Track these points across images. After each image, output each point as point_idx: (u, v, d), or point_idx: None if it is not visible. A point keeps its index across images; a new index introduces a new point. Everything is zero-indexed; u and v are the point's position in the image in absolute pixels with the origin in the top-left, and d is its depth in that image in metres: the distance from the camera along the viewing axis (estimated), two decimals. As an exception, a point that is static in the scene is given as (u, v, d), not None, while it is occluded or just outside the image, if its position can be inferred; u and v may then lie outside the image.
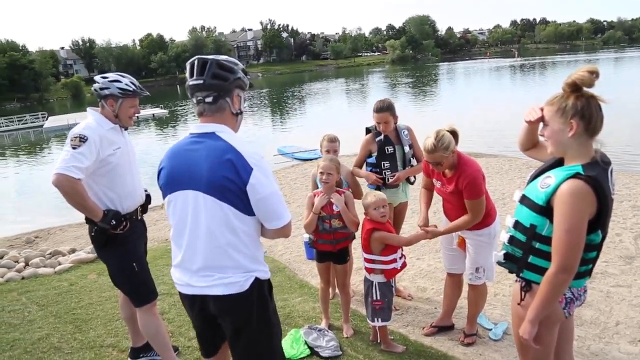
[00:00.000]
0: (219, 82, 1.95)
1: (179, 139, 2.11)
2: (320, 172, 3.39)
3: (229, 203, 1.89)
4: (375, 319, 3.37)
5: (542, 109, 2.02)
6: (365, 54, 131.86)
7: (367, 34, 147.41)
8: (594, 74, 1.83)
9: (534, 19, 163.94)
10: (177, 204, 1.98)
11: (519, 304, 2.09)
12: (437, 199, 3.46)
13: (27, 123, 38.33)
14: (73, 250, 6.94)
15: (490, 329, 3.64)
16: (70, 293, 4.91)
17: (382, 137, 3.94)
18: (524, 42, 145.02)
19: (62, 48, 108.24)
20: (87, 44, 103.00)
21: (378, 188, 3.94)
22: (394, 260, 3.31)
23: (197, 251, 1.96)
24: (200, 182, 1.90)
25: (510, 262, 2.11)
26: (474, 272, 3.34)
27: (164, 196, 2.04)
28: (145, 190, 3.17)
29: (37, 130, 35.12)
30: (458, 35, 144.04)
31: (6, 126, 37.78)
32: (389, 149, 3.95)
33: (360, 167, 4.08)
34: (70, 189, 2.59)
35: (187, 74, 1.98)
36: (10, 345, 3.67)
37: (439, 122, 3.23)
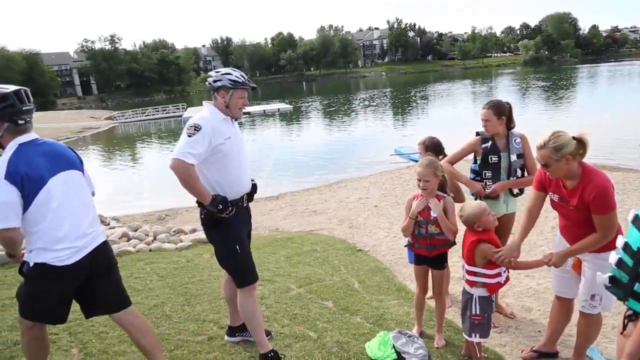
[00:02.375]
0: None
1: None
2: (417, 179, 3.31)
3: (84, 173, 2.77)
4: (473, 335, 3.19)
5: None
6: (495, 55, 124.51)
7: (498, 34, 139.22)
8: None
9: None
10: (56, 185, 2.54)
11: (621, 333, 1.84)
12: (546, 215, 3.15)
13: (169, 113, 43.13)
14: (194, 230, 7.60)
15: (603, 365, 3.25)
16: (186, 269, 5.40)
17: (489, 144, 3.72)
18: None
19: (203, 46, 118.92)
20: (225, 42, 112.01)
21: (476, 197, 3.76)
22: (498, 275, 3.11)
23: (87, 212, 2.69)
24: (70, 163, 2.67)
25: (616, 287, 1.86)
26: (588, 300, 2.97)
27: (41, 187, 2.48)
28: (252, 180, 3.36)
29: (177, 119, 39.19)
30: (604, 34, 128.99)
31: (153, 115, 42.92)
32: (493, 158, 3.71)
33: (453, 163, 3.90)
34: (185, 173, 2.85)
35: (16, 101, 2.50)
36: (132, 308, 4.15)
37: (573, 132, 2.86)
